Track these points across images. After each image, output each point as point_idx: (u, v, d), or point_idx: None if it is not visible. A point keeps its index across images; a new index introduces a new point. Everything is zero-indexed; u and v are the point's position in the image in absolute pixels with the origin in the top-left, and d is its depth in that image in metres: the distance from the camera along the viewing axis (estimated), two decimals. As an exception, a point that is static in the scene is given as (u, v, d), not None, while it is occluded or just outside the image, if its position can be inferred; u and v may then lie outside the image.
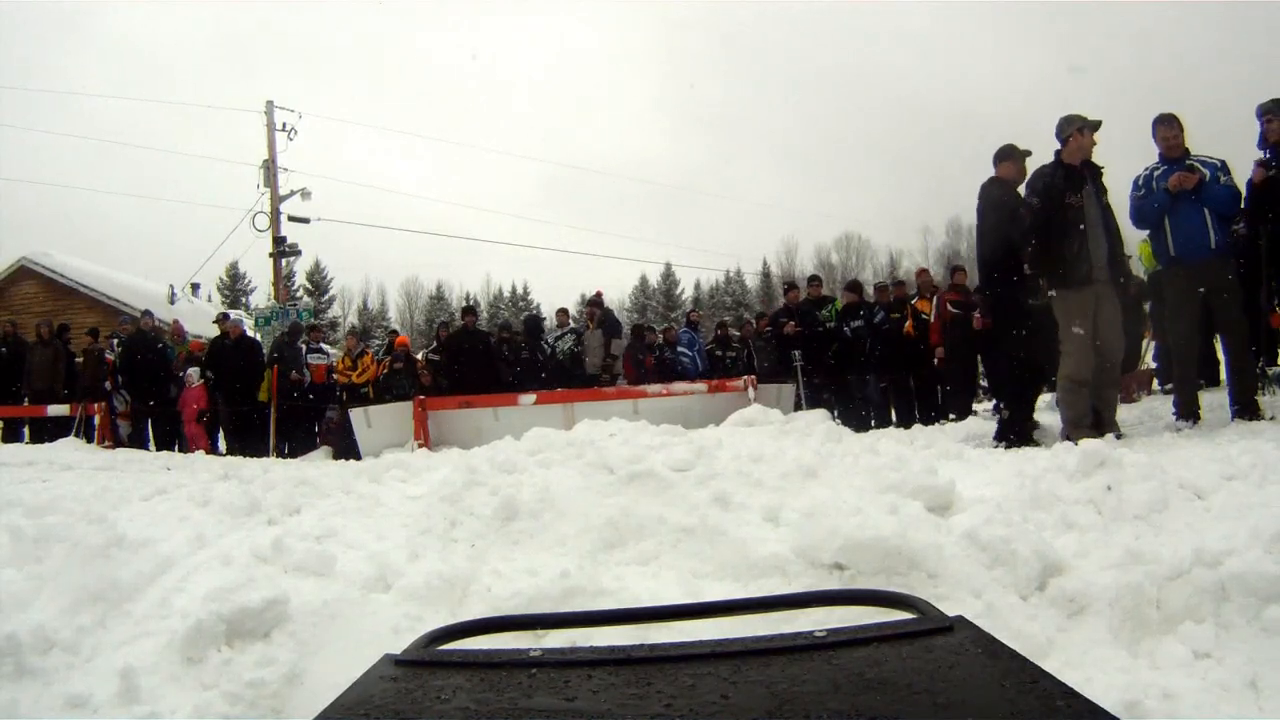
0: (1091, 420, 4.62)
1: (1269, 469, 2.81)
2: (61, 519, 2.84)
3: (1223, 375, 5.46)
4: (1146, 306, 7.23)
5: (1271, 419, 4.50)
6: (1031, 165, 5.15)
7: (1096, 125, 4.63)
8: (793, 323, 8.93)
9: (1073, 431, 4.57)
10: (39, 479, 5.10)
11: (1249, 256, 5.64)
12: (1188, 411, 4.72)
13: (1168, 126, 4.68)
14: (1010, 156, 5.32)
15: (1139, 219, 4.75)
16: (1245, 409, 4.54)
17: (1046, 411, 6.18)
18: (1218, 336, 5.37)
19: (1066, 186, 4.58)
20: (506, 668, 0.78)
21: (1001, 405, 5.51)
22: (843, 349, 8.55)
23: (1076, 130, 4.64)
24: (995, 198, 5.23)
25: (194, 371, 9.02)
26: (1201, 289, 4.61)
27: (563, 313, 10.81)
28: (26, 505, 3.10)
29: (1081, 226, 4.55)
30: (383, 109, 61.69)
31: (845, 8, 65.72)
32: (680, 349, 10.02)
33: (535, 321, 11.02)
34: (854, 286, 9.45)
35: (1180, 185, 4.50)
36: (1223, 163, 4.67)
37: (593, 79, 75.05)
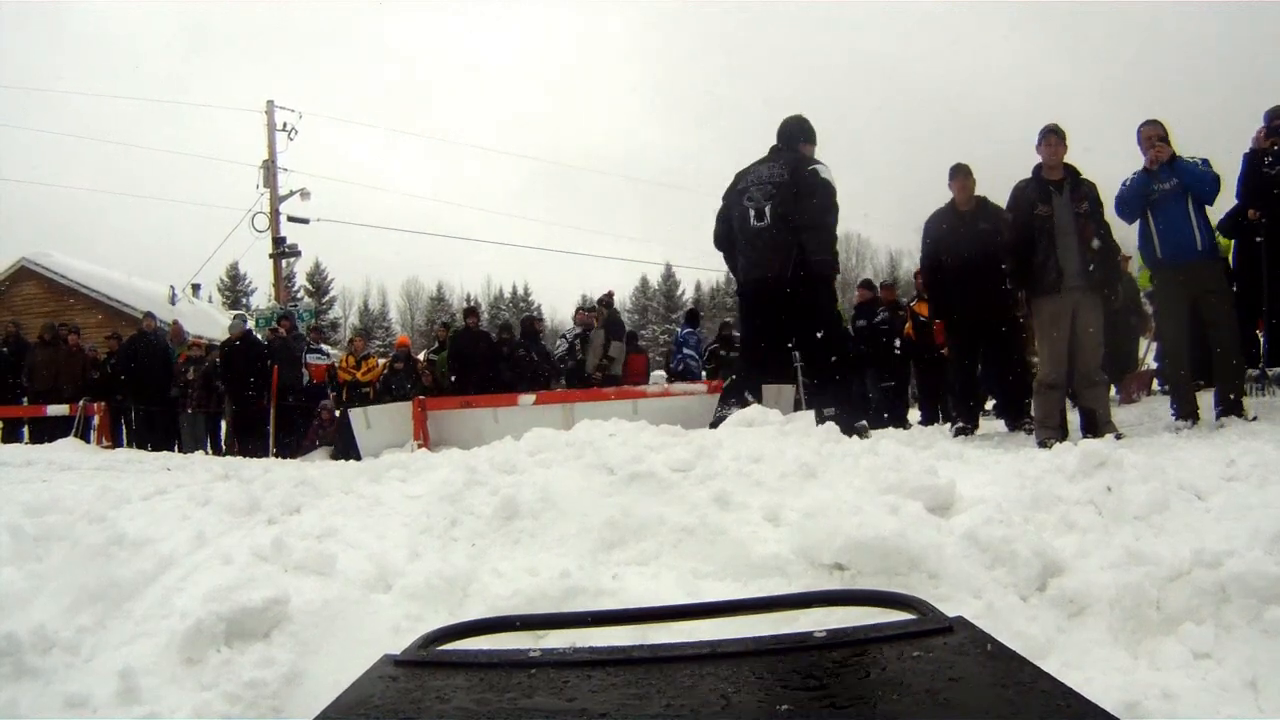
0: (1060, 421, 4.77)
1: (1269, 469, 2.82)
2: (61, 518, 2.84)
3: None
4: (1148, 307, 7.27)
5: (1254, 419, 4.52)
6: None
7: (1050, 131, 4.79)
8: None
9: (1040, 433, 4.67)
10: (39, 479, 5.10)
11: (1249, 255, 5.65)
12: (1186, 411, 4.73)
13: (1151, 127, 4.74)
14: (953, 176, 5.53)
15: (1121, 207, 4.78)
16: (1229, 409, 4.56)
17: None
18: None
19: (1036, 197, 4.70)
20: (506, 668, 0.78)
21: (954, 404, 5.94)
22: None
23: (1041, 140, 4.81)
24: (925, 228, 5.69)
25: None
26: (1190, 291, 4.61)
27: (581, 311, 10.82)
28: (26, 505, 3.10)
29: (1050, 235, 4.65)
30: (383, 109, 61.78)
31: (845, 6, 65.82)
32: (686, 350, 10.02)
33: (531, 322, 11.01)
34: (868, 285, 9.46)
35: (1157, 159, 4.56)
36: (1205, 160, 4.70)
37: (595, 80, 75.10)
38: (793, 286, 4.36)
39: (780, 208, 4.38)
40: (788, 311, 4.46)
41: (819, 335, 4.52)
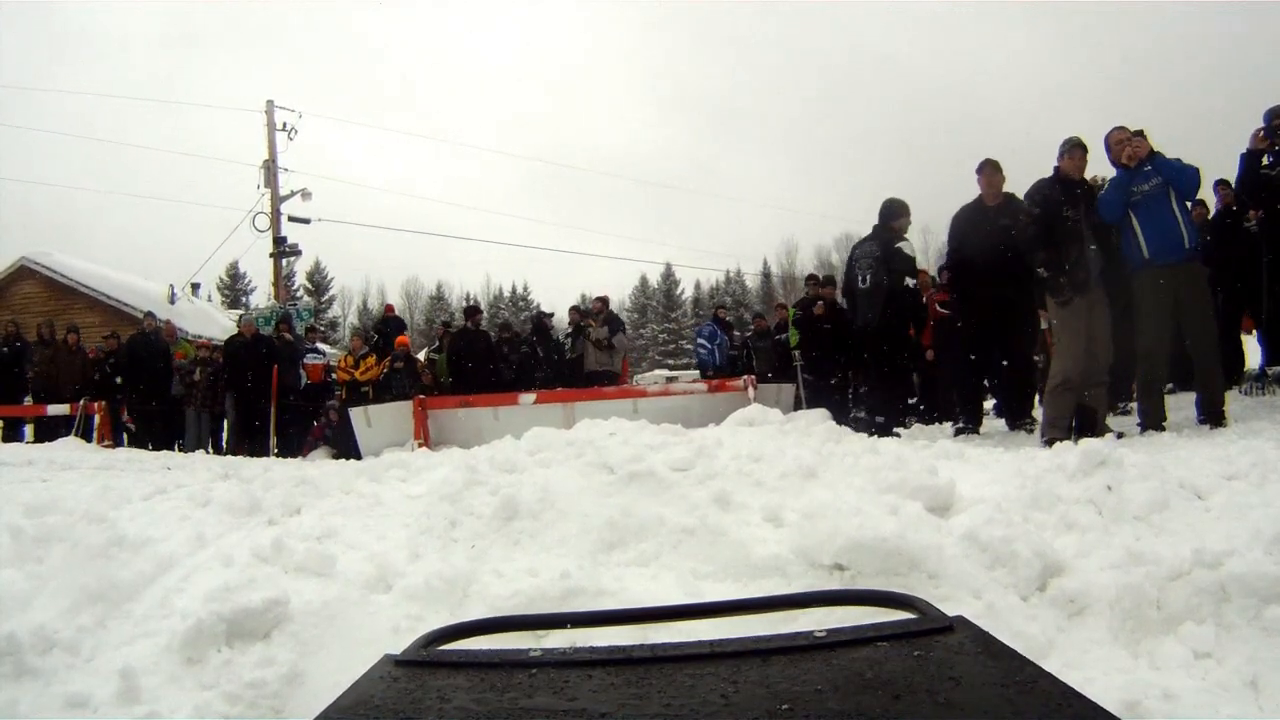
0: (1070, 422, 4.72)
1: (1269, 469, 2.81)
2: (61, 519, 2.84)
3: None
4: None
5: (1236, 423, 4.48)
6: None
7: (1075, 145, 4.87)
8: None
9: (1049, 431, 4.62)
10: (39, 479, 5.09)
11: (1244, 253, 5.64)
12: (1153, 422, 4.61)
13: (1119, 131, 4.75)
14: (980, 171, 5.66)
15: (1103, 207, 4.74)
16: (1210, 418, 4.50)
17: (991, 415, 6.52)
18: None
19: (1063, 199, 4.73)
20: (506, 668, 0.78)
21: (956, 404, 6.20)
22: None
23: (1066, 151, 4.86)
24: (952, 222, 5.92)
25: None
26: (1174, 295, 4.52)
27: (575, 310, 10.85)
28: (27, 505, 3.10)
29: (1081, 238, 4.66)
30: (383, 109, 61.76)
31: (847, 6, 65.80)
32: (700, 340, 10.08)
33: (542, 319, 10.94)
34: None
35: (1135, 155, 4.55)
36: (1178, 159, 4.68)
37: (596, 80, 75.07)
38: (883, 328, 6.12)
39: (875, 276, 6.02)
40: (882, 343, 6.19)
41: (886, 351, 6.22)
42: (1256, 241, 5.58)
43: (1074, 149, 4.83)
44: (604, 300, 10.50)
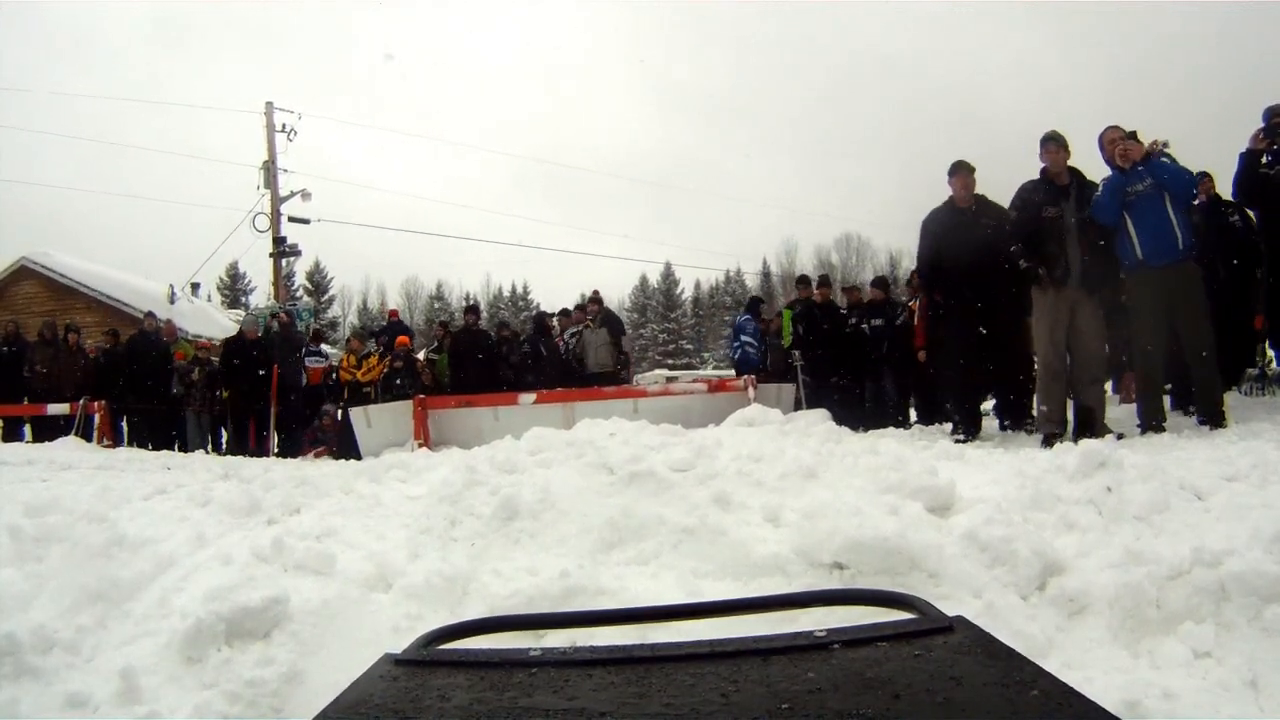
0: (1064, 414, 4.75)
1: (1269, 469, 2.81)
2: (61, 519, 2.84)
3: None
4: None
5: (1236, 423, 4.46)
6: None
7: (1049, 139, 4.88)
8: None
9: (1043, 426, 4.65)
10: (39, 478, 5.09)
11: (1238, 251, 5.63)
12: (1152, 422, 4.58)
13: (1113, 130, 4.74)
14: (953, 173, 5.65)
15: (1097, 209, 4.71)
16: (1210, 418, 4.48)
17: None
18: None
19: (1044, 199, 4.76)
20: (506, 667, 0.78)
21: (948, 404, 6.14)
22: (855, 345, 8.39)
23: (1040, 147, 4.90)
24: (924, 226, 5.97)
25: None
26: (1169, 296, 4.49)
27: (580, 310, 10.78)
28: (27, 505, 3.10)
29: (1060, 236, 4.68)
30: (382, 109, 61.70)
31: (847, 5, 65.82)
32: (745, 337, 9.60)
33: (542, 318, 10.87)
34: (880, 283, 9.26)
35: (1127, 156, 4.54)
36: (1172, 159, 4.67)
37: (596, 80, 75.03)
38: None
39: None
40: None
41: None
42: (1241, 238, 5.59)
43: (1046, 144, 4.85)
44: (598, 300, 10.17)
